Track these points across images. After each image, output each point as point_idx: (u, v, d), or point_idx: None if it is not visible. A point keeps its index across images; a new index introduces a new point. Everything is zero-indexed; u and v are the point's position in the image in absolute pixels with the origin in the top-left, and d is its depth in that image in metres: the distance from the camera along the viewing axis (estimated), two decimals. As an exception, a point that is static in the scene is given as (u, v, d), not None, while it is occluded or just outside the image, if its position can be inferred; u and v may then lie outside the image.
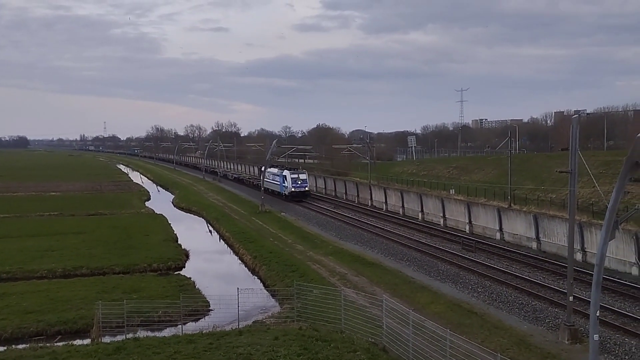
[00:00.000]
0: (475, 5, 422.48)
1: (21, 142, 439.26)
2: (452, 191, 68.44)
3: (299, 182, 72.72)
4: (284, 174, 74.76)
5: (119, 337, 24.34)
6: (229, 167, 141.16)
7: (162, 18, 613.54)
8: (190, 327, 26.35)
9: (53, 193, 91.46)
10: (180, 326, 25.77)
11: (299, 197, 71.62)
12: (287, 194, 72.80)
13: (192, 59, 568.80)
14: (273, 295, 32.62)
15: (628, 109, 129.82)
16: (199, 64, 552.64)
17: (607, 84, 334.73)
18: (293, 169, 78.41)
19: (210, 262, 46.29)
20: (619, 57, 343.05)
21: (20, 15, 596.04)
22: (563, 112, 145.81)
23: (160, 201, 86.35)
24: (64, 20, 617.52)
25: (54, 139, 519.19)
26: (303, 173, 75.27)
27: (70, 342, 24.43)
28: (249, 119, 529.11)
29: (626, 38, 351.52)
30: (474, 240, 42.97)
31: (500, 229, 45.82)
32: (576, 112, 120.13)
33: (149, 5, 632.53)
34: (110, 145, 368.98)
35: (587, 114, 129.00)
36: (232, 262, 45.16)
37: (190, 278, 36.43)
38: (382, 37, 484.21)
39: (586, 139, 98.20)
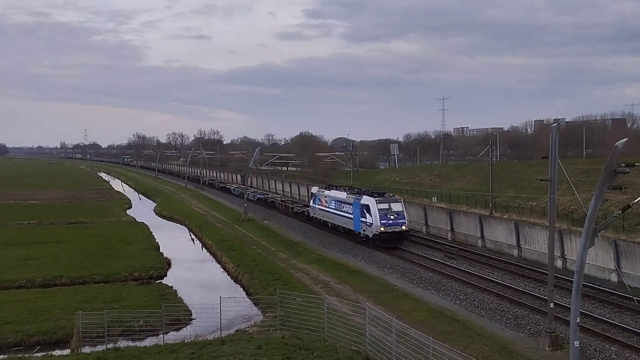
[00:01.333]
0: (455, 15, 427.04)
1: (0, 150, 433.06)
2: (434, 199, 68.78)
3: (392, 217, 44.25)
4: (364, 202, 45.92)
5: (99, 348, 24.06)
6: (213, 175, 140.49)
7: (143, 25, 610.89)
8: (172, 336, 26.13)
9: (32, 201, 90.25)
10: (161, 336, 25.50)
11: (391, 241, 44.36)
12: (371, 235, 44.90)
13: (173, 66, 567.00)
14: (256, 304, 32.48)
15: (606, 117, 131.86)
16: (181, 72, 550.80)
17: (585, 93, 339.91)
18: (378, 193, 48.89)
19: (193, 270, 45.97)
20: (596, 67, 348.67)
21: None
22: (543, 120, 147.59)
23: (142, 209, 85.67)
24: (43, 27, 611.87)
25: (34, 146, 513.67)
26: (397, 201, 46.24)
27: (49, 353, 24.10)
28: (231, 126, 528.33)
29: (603, 48, 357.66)
30: (456, 247, 43.21)
31: (482, 237, 46.15)
32: (555, 120, 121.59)
33: (130, 12, 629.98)
34: (94, 153, 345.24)
35: (566, 122, 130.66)
36: (214, 271, 44.90)
37: (172, 287, 36.14)
38: (364, 45, 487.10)
39: (565, 147, 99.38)
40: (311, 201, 59.80)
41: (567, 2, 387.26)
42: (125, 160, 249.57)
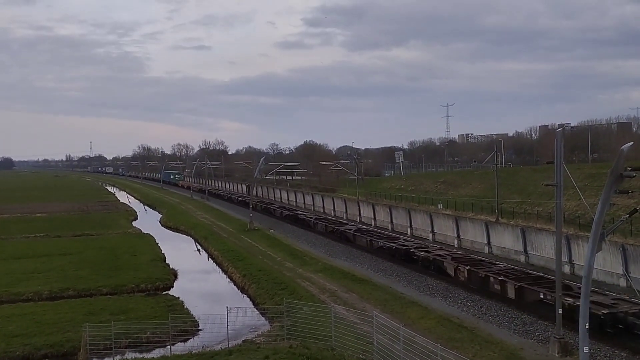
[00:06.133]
0: (455, 22, 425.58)
1: (6, 164, 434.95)
2: (440, 206, 68.68)
3: None
4: None
5: (107, 360, 24.04)
6: (218, 185, 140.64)
7: (145, 37, 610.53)
8: (179, 347, 26.06)
9: (39, 214, 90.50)
10: (169, 347, 25.47)
11: None
12: None
13: (176, 77, 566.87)
14: (263, 314, 32.42)
15: (612, 121, 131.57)
16: (183, 83, 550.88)
17: (589, 97, 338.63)
18: None
19: (199, 281, 45.93)
20: (599, 71, 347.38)
21: (1, 36, 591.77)
22: (547, 125, 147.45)
23: (148, 221, 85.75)
24: (45, 41, 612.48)
25: (40, 159, 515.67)
26: None
27: (57, 366, 24.09)
28: (236, 136, 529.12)
29: (605, 52, 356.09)
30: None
31: (489, 243, 45.98)
32: (560, 125, 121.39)
33: (131, 24, 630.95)
34: (126, 168, 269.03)
35: (572, 127, 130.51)
36: (221, 281, 44.85)
37: (178, 298, 36.08)
38: (365, 53, 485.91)
39: (571, 152, 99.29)
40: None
41: (568, 6, 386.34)
42: (172, 178, 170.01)
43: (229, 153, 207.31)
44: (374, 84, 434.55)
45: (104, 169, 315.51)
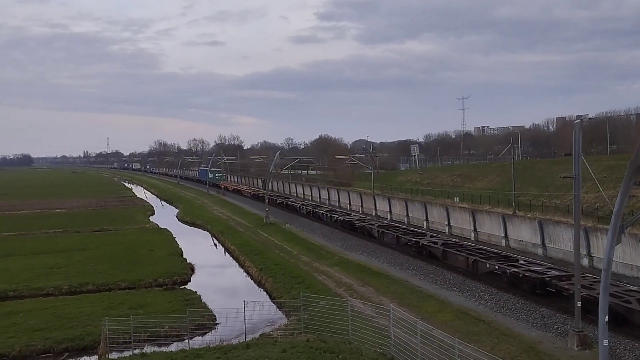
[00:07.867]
0: (469, 14, 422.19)
1: (25, 160, 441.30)
2: (456, 199, 68.35)
3: None
4: None
5: (126, 353, 24.29)
6: (233, 179, 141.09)
7: (159, 33, 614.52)
8: (197, 341, 26.28)
9: (57, 210, 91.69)
10: (187, 341, 25.70)
11: None
12: None
13: (190, 73, 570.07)
14: (279, 308, 32.55)
15: (630, 112, 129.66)
16: (198, 78, 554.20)
17: (607, 88, 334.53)
18: None
19: (216, 275, 46.24)
20: (617, 61, 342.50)
21: (17, 35, 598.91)
22: (565, 117, 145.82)
23: (165, 216, 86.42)
24: (61, 38, 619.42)
25: (58, 156, 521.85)
26: None
27: (77, 359, 24.39)
28: (251, 131, 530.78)
29: (623, 42, 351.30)
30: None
31: (506, 236, 45.67)
32: (578, 117, 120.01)
33: (145, 21, 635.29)
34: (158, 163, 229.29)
35: (589, 118, 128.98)
36: (237, 275, 45.10)
37: (196, 292, 36.36)
38: (378, 47, 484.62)
39: (589, 144, 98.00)
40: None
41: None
42: (212, 177, 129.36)
43: (245, 148, 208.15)
44: (388, 77, 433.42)
45: (131, 165, 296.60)
